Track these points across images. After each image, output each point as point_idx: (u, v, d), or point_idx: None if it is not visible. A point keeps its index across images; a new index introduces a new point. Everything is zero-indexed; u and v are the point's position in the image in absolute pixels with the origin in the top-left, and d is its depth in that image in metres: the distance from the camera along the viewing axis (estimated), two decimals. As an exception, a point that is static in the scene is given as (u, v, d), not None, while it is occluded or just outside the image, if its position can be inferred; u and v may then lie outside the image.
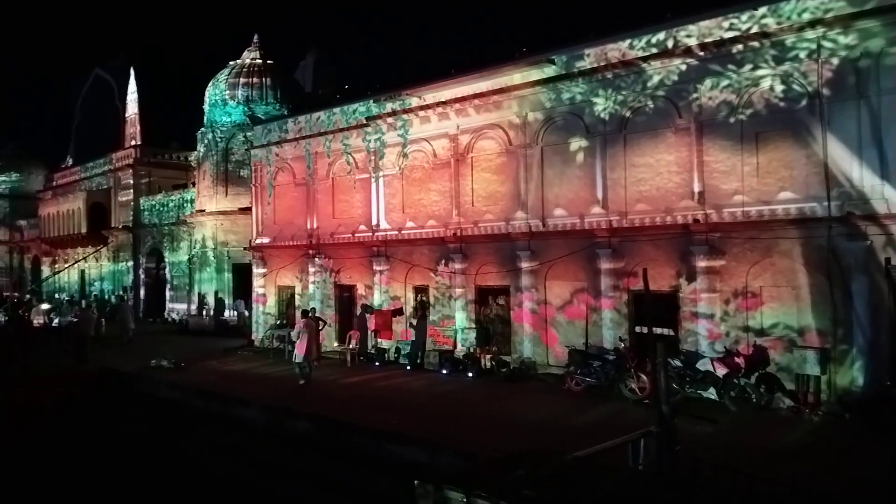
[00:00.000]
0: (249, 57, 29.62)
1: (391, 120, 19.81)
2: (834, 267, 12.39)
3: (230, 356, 21.89)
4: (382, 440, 11.91)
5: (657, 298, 13.73)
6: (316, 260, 22.13)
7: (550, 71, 16.50)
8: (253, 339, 24.20)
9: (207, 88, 29.71)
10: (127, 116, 50.88)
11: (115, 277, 39.11)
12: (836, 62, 12.50)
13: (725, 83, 13.84)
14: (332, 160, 21.82)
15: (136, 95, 50.02)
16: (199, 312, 29.73)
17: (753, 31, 13.41)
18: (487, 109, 17.71)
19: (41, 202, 47.12)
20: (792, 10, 12.96)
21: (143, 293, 37.04)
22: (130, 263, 37.74)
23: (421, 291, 19.57)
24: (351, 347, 19.72)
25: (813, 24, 12.61)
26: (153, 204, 36.23)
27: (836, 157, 12.49)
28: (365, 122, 20.53)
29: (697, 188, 14.23)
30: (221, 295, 29.21)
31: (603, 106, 15.64)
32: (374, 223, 20.51)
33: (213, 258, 29.44)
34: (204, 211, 29.67)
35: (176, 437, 15.89)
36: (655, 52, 14.79)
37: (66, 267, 42.69)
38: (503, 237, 17.36)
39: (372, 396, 15.20)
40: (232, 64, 29.58)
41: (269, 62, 29.52)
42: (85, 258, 40.25)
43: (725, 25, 13.83)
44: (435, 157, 19.03)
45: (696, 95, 14.26)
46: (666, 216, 14.62)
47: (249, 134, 25.69)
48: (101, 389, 18.61)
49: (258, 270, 24.62)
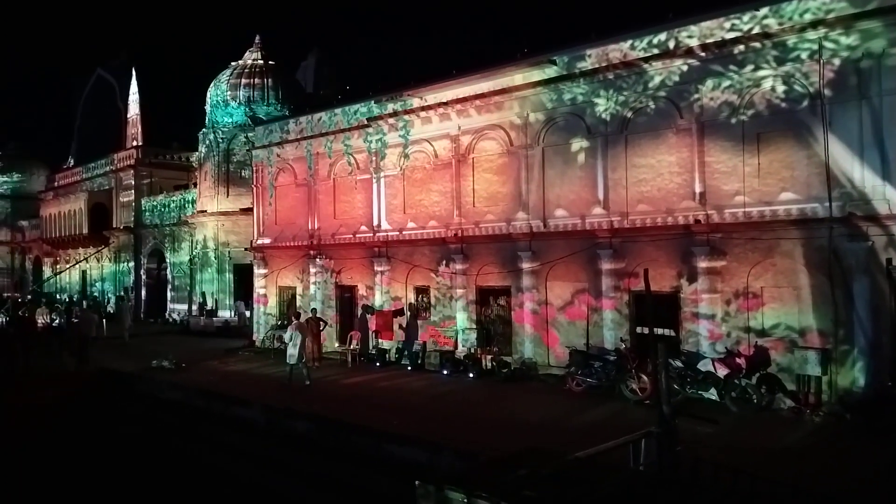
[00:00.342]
0: (251, 57, 29.70)
1: (392, 120, 19.82)
2: (835, 267, 12.38)
3: (231, 357, 21.91)
4: (383, 440, 11.90)
5: (658, 299, 13.72)
6: (317, 260, 22.14)
7: (552, 71, 16.50)
8: (254, 339, 24.22)
9: (209, 89, 29.79)
10: (128, 117, 51.04)
11: (116, 278, 39.13)
12: (837, 63, 12.49)
13: (727, 84, 13.83)
14: (333, 161, 21.83)
15: (137, 96, 50.20)
16: (199, 313, 29.76)
17: (755, 31, 13.40)
18: (489, 110, 17.72)
19: (42, 203, 47.22)
20: (793, 10, 12.95)
21: (144, 294, 37.05)
22: (132, 264, 37.77)
23: (422, 292, 19.58)
24: (352, 348, 19.74)
25: (814, 24, 12.60)
26: (154, 204, 36.26)
27: (837, 157, 12.48)
28: (366, 122, 20.54)
29: (699, 189, 14.23)
30: (222, 295, 29.24)
31: (604, 106, 15.64)
32: (375, 224, 20.51)
33: (214, 259, 29.50)
34: (205, 211, 29.72)
35: (176, 437, 15.87)
36: (657, 52, 14.79)
37: (67, 267, 42.75)
38: (504, 238, 17.36)
39: (373, 397, 15.22)
40: (233, 64, 29.65)
41: (270, 63, 29.59)
42: (86, 259, 40.30)
43: (727, 26, 13.82)
44: (436, 157, 19.04)
45: (697, 96, 14.25)
46: (667, 217, 14.62)
47: (251, 134, 25.70)
48: (101, 389, 18.62)
49: (259, 271, 24.63)
